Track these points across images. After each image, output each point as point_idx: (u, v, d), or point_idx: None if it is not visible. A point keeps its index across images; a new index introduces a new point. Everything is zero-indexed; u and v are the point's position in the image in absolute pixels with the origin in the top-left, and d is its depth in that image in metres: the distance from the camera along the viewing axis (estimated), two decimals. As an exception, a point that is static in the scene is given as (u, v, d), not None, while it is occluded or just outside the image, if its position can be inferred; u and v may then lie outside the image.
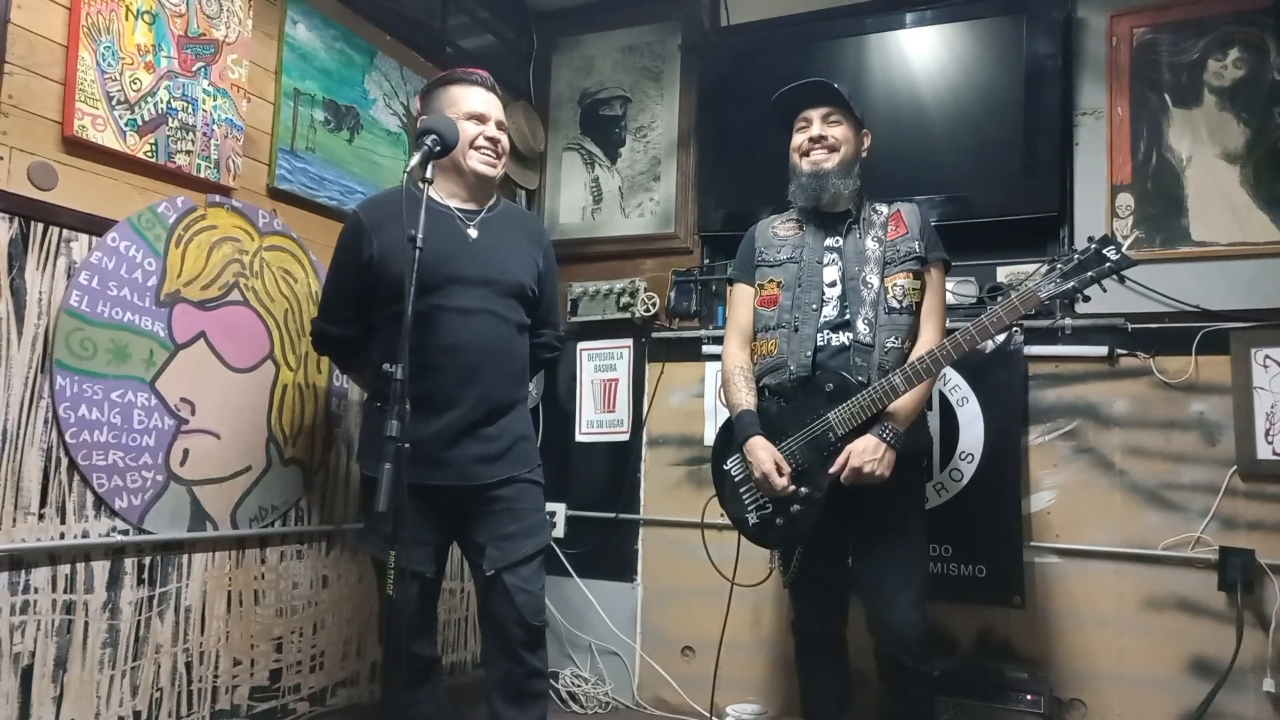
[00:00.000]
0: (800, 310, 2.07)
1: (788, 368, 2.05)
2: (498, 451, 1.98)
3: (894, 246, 2.07)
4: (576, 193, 3.37)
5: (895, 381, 1.92)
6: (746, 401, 2.09)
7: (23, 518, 1.76)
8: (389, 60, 2.72)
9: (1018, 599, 2.53)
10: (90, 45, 1.86)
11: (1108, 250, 1.86)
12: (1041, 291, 1.88)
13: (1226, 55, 2.52)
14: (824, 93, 2.11)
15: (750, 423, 2.06)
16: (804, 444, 2.00)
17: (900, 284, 2.04)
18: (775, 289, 2.13)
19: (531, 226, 2.21)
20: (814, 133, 2.10)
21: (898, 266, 2.05)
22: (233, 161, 2.20)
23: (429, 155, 1.79)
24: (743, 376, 2.13)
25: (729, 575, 2.28)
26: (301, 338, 2.37)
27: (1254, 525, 2.38)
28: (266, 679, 2.27)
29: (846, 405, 1.95)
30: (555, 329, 2.23)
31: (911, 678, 1.99)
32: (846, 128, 2.11)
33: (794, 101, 2.14)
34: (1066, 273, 1.88)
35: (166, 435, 2.03)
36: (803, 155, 2.12)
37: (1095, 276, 1.86)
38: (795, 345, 2.05)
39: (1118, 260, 1.85)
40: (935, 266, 2.10)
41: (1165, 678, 2.42)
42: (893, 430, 1.94)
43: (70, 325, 1.84)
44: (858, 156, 2.14)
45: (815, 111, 2.11)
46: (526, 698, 1.98)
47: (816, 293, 2.07)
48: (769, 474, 1.98)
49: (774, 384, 2.08)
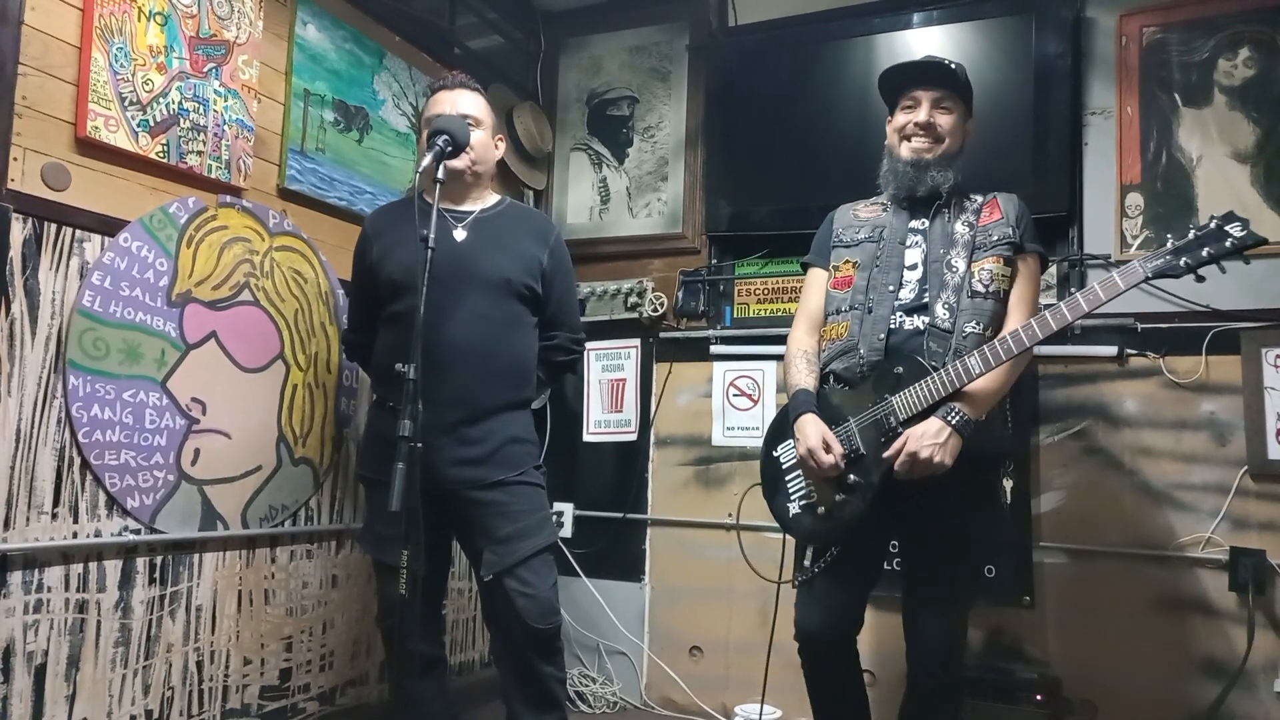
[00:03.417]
0: (876, 291, 1.90)
1: (858, 351, 1.88)
2: (481, 455, 1.95)
3: (986, 231, 1.90)
4: (584, 193, 3.38)
5: (970, 362, 1.72)
6: (805, 382, 1.93)
7: (36, 517, 1.76)
8: (398, 61, 2.73)
9: (1027, 599, 2.53)
10: (103, 46, 1.87)
11: (1231, 227, 1.65)
12: (1148, 265, 1.67)
13: (1237, 54, 2.51)
14: (942, 75, 1.93)
15: (804, 401, 1.89)
16: (862, 429, 1.83)
17: (988, 268, 1.85)
18: (850, 270, 1.97)
19: (537, 225, 2.17)
20: (921, 118, 1.92)
21: (988, 251, 1.87)
22: (243, 162, 2.20)
23: (441, 155, 1.81)
24: (805, 360, 1.97)
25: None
26: (312, 338, 2.38)
27: (1265, 526, 2.37)
28: (276, 678, 2.27)
29: (913, 388, 1.77)
30: (571, 330, 2.18)
31: (944, 690, 1.92)
32: (956, 117, 1.94)
33: (905, 77, 1.98)
34: (1179, 248, 1.68)
35: (178, 435, 2.04)
36: (904, 138, 1.95)
37: (1214, 254, 1.65)
38: (868, 328, 1.88)
39: (1243, 237, 1.63)
40: (1032, 256, 1.92)
41: (1176, 678, 2.41)
42: (960, 414, 1.73)
43: (83, 325, 1.85)
44: (961, 149, 1.97)
45: (927, 94, 1.93)
46: (542, 701, 1.97)
47: (895, 274, 1.91)
48: (814, 449, 1.81)
49: (841, 369, 1.91)
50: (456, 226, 2.03)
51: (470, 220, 2.05)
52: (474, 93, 2.09)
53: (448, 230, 2.01)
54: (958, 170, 1.96)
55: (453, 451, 1.93)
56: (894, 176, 1.97)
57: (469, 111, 2.03)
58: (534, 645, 1.94)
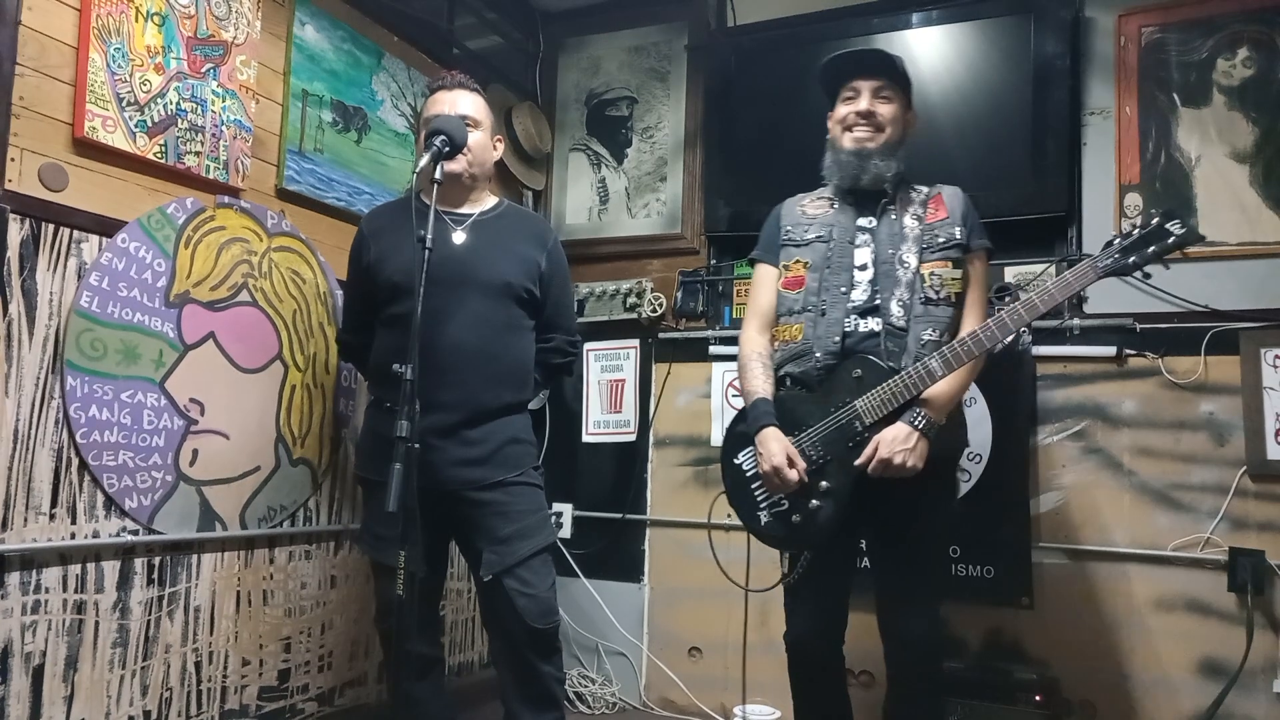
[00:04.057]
0: (828, 293, 1.91)
1: (813, 354, 1.89)
2: (481, 455, 1.96)
3: (933, 230, 1.91)
4: (583, 193, 3.38)
5: (932, 365, 1.77)
6: (763, 389, 1.94)
7: (34, 518, 1.76)
8: (396, 61, 2.72)
9: (1026, 600, 2.53)
10: (100, 47, 1.87)
11: (1171, 224, 1.72)
12: (1098, 265, 1.74)
13: (1235, 54, 2.51)
14: (881, 64, 1.95)
15: (765, 412, 1.90)
16: (827, 435, 1.85)
17: (939, 273, 1.87)
18: (801, 270, 1.97)
19: (536, 228, 2.18)
20: (862, 106, 1.93)
21: (936, 253, 1.89)
22: (241, 162, 2.20)
23: (439, 156, 1.81)
24: (760, 363, 1.98)
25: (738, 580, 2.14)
26: (310, 338, 2.38)
27: (1264, 526, 2.37)
28: (275, 679, 2.27)
29: (876, 391, 1.80)
30: (567, 333, 2.19)
31: (923, 686, 1.94)
32: (896, 106, 1.95)
33: (845, 68, 1.97)
34: (1126, 247, 1.74)
35: (176, 435, 2.03)
36: (845, 129, 1.96)
37: (1158, 252, 1.71)
38: (822, 330, 1.89)
39: (1183, 234, 1.70)
40: (978, 256, 1.94)
41: (1175, 679, 2.41)
42: (926, 418, 1.78)
43: (81, 326, 1.85)
44: (903, 138, 1.98)
45: (867, 83, 1.94)
46: (541, 701, 1.98)
47: (846, 275, 1.91)
48: (780, 467, 1.82)
49: (797, 372, 1.92)
50: (455, 229, 2.03)
51: (469, 223, 2.05)
52: (473, 93, 2.08)
53: (447, 233, 2.01)
54: (900, 160, 1.96)
55: (454, 452, 1.93)
56: (838, 167, 1.97)
57: (467, 112, 2.03)
58: (533, 645, 1.94)
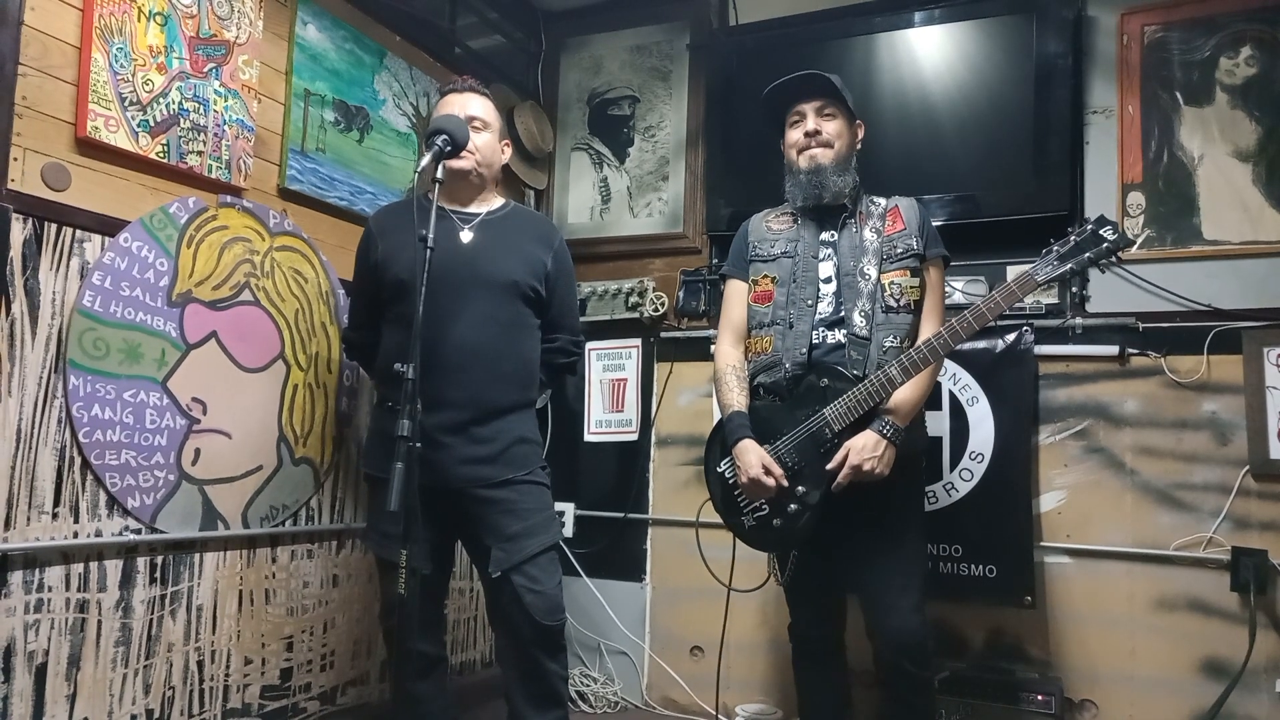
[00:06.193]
0: (795, 306, 2.02)
1: (783, 365, 2.00)
2: (490, 454, 1.97)
3: (891, 242, 2.02)
4: (585, 193, 3.38)
5: (892, 373, 1.86)
6: (738, 402, 2.04)
7: (36, 517, 1.77)
8: (398, 61, 2.73)
9: (1028, 599, 2.52)
10: (103, 47, 1.87)
11: (1104, 230, 1.81)
12: (1038, 275, 1.83)
13: (1238, 53, 2.50)
14: (817, 85, 2.06)
15: (740, 424, 2.01)
16: (799, 442, 1.95)
17: (898, 282, 1.99)
18: (770, 284, 2.08)
19: (541, 229, 2.20)
20: (809, 126, 2.05)
21: (895, 263, 2.00)
22: (244, 162, 2.20)
23: (440, 155, 1.81)
24: (735, 376, 2.08)
25: (725, 579, 2.25)
26: (312, 337, 2.38)
27: (1267, 525, 2.37)
28: (277, 678, 2.27)
29: (843, 399, 1.90)
30: (571, 333, 2.21)
31: (914, 684, 1.95)
32: (840, 121, 2.06)
33: (786, 95, 2.10)
34: (1063, 255, 1.83)
35: (178, 435, 2.04)
36: (799, 151, 2.07)
37: (1093, 258, 1.80)
38: (790, 342, 2.00)
39: (1115, 240, 1.79)
40: (934, 265, 2.05)
41: (1177, 679, 2.41)
42: (892, 425, 1.88)
43: (83, 325, 1.85)
44: (852, 150, 2.09)
45: (809, 105, 2.07)
46: (546, 699, 1.98)
47: (812, 288, 2.02)
48: (758, 478, 1.93)
49: (769, 382, 2.04)
50: (463, 228, 2.04)
51: (476, 222, 2.07)
52: (483, 97, 2.12)
53: (454, 232, 2.02)
54: (854, 173, 2.08)
55: (463, 450, 1.95)
56: (799, 189, 2.08)
57: (477, 114, 2.06)
58: (540, 641, 1.95)
